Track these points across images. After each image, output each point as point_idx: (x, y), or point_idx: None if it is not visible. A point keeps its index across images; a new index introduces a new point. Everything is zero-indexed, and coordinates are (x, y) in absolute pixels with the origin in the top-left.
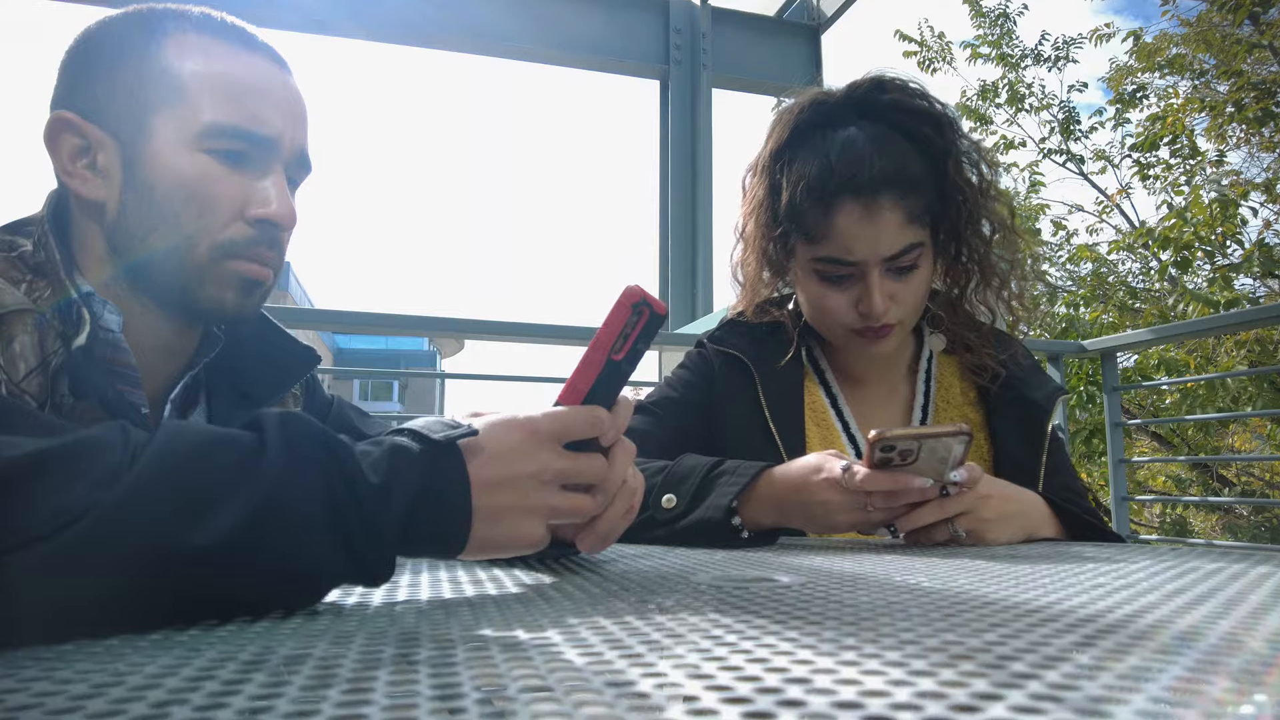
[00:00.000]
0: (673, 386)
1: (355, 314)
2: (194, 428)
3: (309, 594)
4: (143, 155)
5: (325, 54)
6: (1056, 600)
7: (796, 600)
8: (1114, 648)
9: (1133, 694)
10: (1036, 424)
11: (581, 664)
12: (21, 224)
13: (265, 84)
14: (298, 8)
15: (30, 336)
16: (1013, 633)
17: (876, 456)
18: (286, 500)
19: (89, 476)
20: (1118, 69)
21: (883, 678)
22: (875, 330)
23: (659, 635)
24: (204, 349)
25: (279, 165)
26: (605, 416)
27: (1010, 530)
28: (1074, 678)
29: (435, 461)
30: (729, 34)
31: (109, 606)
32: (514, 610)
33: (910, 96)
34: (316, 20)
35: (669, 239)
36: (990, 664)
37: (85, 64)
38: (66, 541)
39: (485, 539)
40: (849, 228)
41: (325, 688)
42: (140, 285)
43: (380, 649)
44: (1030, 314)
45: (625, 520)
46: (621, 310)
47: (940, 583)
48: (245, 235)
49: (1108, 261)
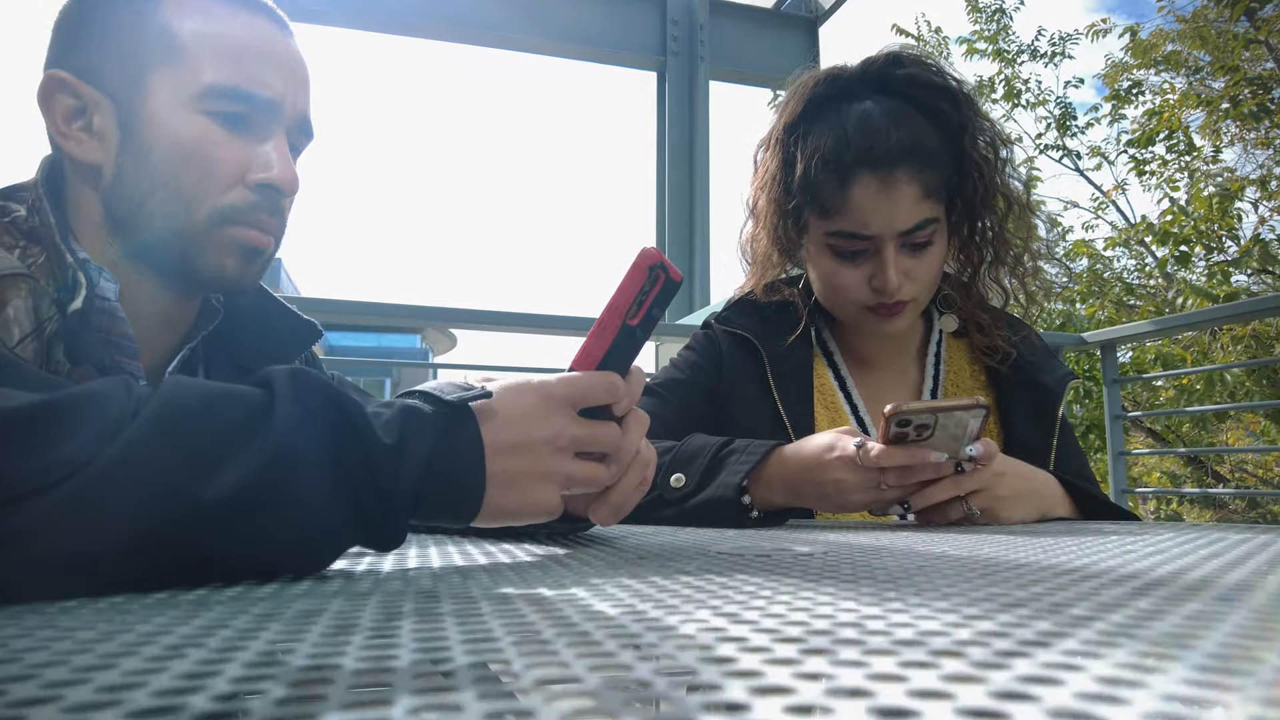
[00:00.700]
0: (679, 368)
1: (349, 303)
2: (200, 382)
3: (318, 556)
4: (140, 117)
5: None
6: (1092, 562)
7: (823, 566)
8: (1169, 596)
9: (1203, 633)
10: (1048, 408)
11: (616, 613)
12: (14, 189)
13: (266, 45)
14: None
15: (25, 302)
16: (1059, 585)
17: (892, 432)
18: (296, 457)
19: (91, 428)
20: (1114, 65)
21: (938, 621)
22: (889, 307)
23: (689, 591)
24: (202, 321)
25: (280, 129)
26: (620, 383)
27: (1025, 509)
28: (1139, 619)
29: (448, 423)
30: (726, 26)
31: (112, 562)
32: (533, 574)
33: (926, 71)
34: (310, 10)
35: (666, 231)
36: (1046, 610)
37: (80, 22)
38: (67, 493)
39: (499, 505)
40: (865, 201)
41: (346, 634)
42: (137, 252)
43: (400, 604)
44: (1046, 292)
45: (639, 492)
46: (638, 273)
47: (966, 551)
48: (246, 200)
49: (1103, 258)
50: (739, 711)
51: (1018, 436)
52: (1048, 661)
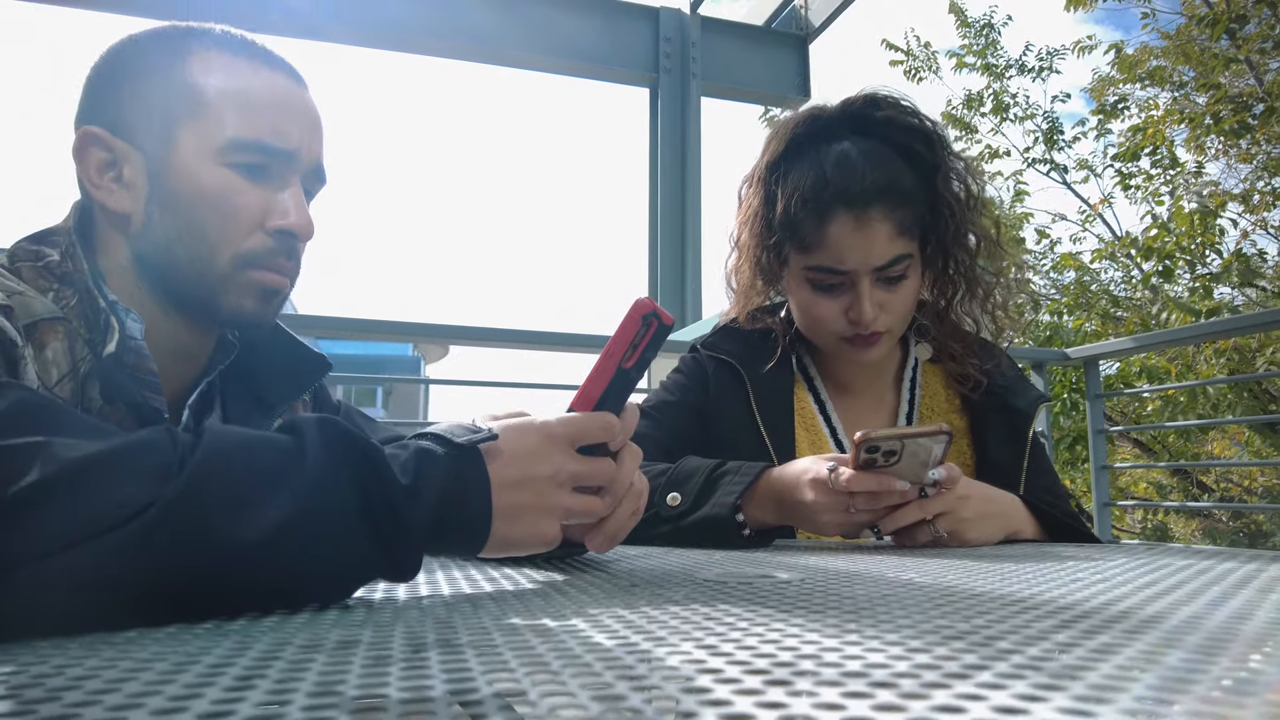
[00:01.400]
0: (669, 390)
1: (342, 320)
2: (237, 430)
3: (343, 587)
4: (167, 168)
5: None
6: (1038, 592)
7: (798, 594)
8: (1088, 629)
9: (1100, 664)
10: (1019, 430)
11: (611, 645)
12: (47, 234)
13: (284, 100)
14: (289, 12)
15: (62, 344)
16: (1000, 618)
17: (861, 457)
18: (325, 498)
19: (145, 474)
20: (1100, 80)
21: (884, 654)
22: (864, 338)
23: (676, 622)
24: (220, 355)
25: (296, 178)
26: (615, 422)
27: (989, 530)
28: (1051, 652)
29: (459, 463)
30: (718, 43)
31: (168, 594)
32: (536, 603)
33: (903, 113)
34: (308, 25)
35: (658, 246)
36: (979, 643)
37: (112, 80)
38: (130, 533)
39: (504, 536)
40: (841, 238)
41: (384, 665)
42: (162, 293)
43: (423, 634)
44: (1015, 323)
45: (632, 521)
46: (632, 321)
47: (931, 578)
48: (265, 245)
49: (1091, 270)
50: None
51: (991, 457)
52: (961, 693)
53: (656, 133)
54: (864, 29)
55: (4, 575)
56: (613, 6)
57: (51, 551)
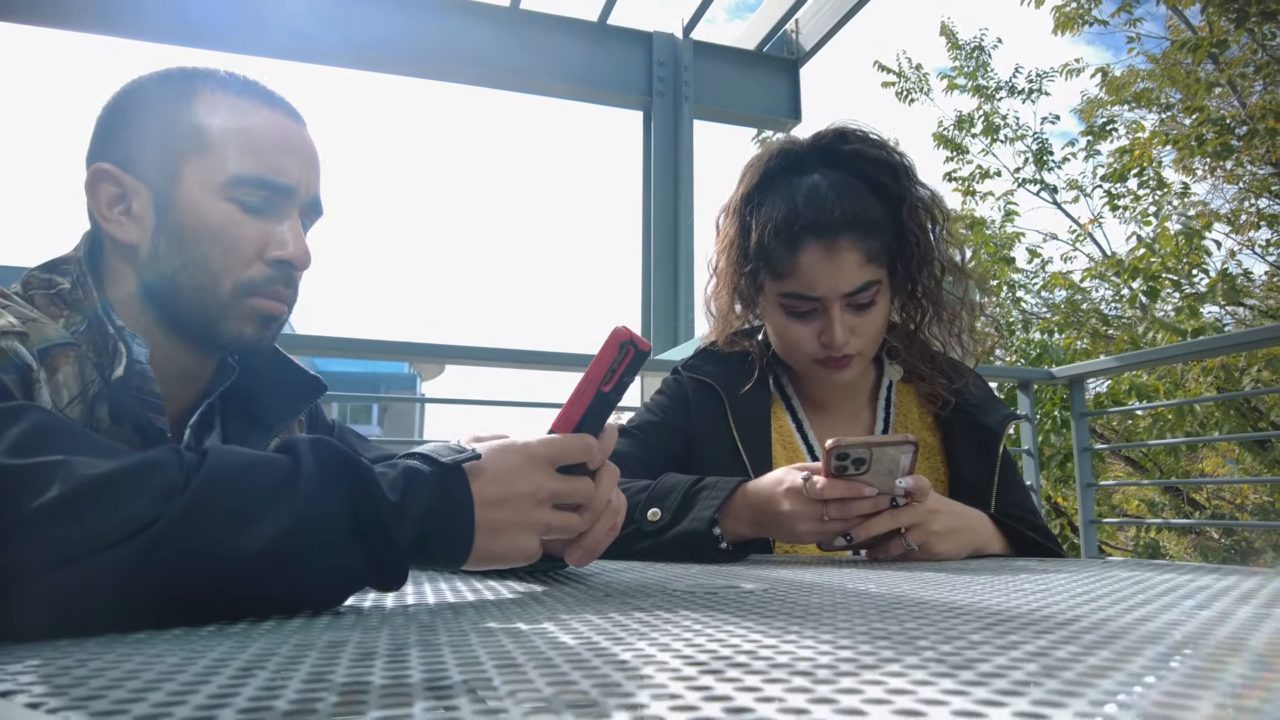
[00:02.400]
0: (652, 411)
1: (340, 340)
2: (238, 450)
3: (334, 596)
4: (174, 202)
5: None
6: (977, 600)
7: (756, 602)
8: (1005, 630)
9: (1006, 653)
10: (989, 446)
11: (574, 644)
12: (58, 263)
13: (284, 138)
14: (289, 35)
15: (72, 368)
16: (928, 622)
17: (833, 465)
18: (318, 513)
19: (154, 490)
20: (1088, 101)
21: (812, 649)
22: (836, 360)
23: (638, 626)
24: (220, 377)
25: (295, 210)
26: (594, 443)
27: (957, 544)
28: (962, 648)
29: (444, 482)
30: (710, 67)
31: (175, 600)
32: (513, 610)
33: (870, 146)
34: (306, 49)
35: (651, 266)
36: (901, 641)
37: (122, 119)
38: (140, 544)
39: (486, 550)
40: (812, 266)
41: (369, 659)
42: (166, 319)
43: (406, 635)
44: (980, 344)
45: (609, 536)
46: (610, 348)
47: (885, 589)
48: (264, 275)
49: (1081, 289)
50: (639, 709)
51: (963, 474)
52: (865, 680)
53: (650, 154)
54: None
55: (29, 581)
56: (607, 31)
57: (71, 559)
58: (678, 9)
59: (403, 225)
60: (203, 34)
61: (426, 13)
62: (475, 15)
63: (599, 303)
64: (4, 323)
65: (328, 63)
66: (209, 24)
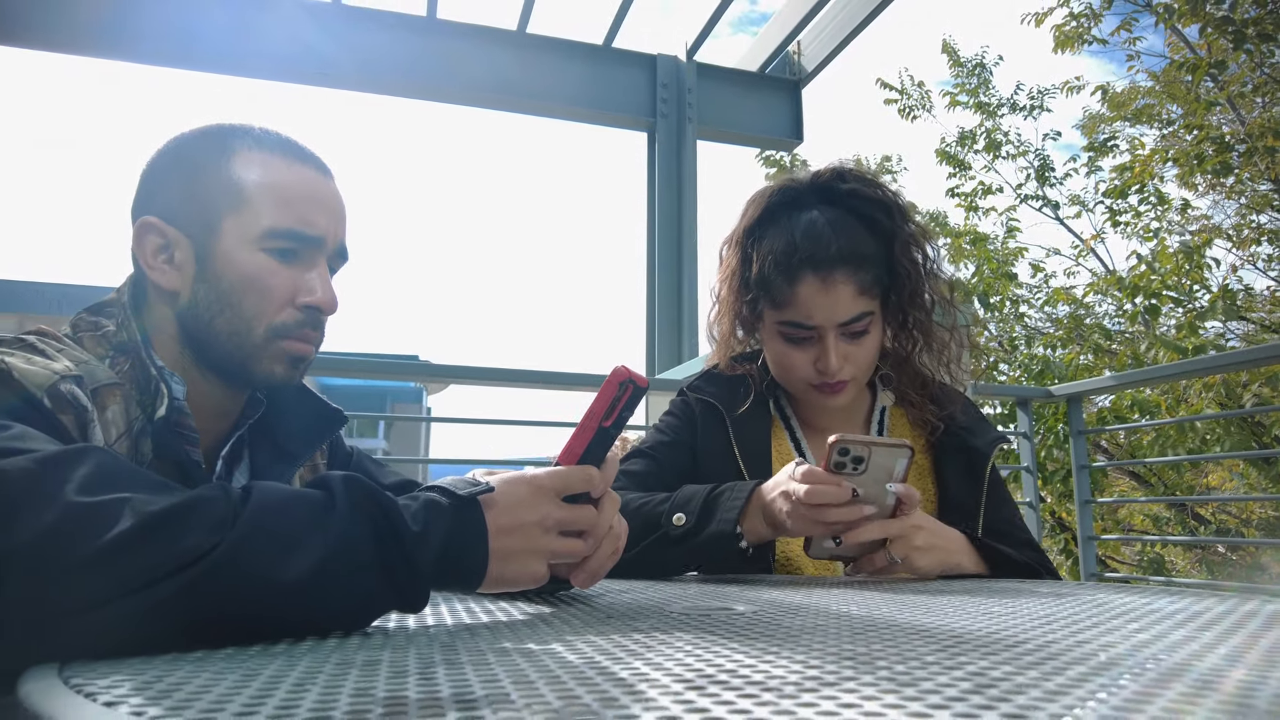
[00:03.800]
0: (663, 431)
1: (345, 359)
2: (278, 487)
3: (363, 617)
4: (213, 253)
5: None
6: (946, 623)
7: (744, 623)
8: (956, 651)
9: (949, 672)
10: (977, 468)
11: (579, 662)
12: (103, 306)
13: (314, 191)
14: (296, 57)
15: (119, 407)
16: (892, 643)
17: (833, 459)
18: (349, 545)
19: (206, 525)
20: (1090, 117)
21: (785, 667)
22: (831, 386)
23: (637, 646)
24: (248, 411)
25: (323, 258)
26: (596, 474)
27: (933, 560)
28: (914, 668)
29: (460, 513)
30: (713, 88)
31: (224, 623)
32: (524, 631)
33: (866, 185)
34: (315, 71)
35: (656, 286)
36: (863, 660)
37: (166, 174)
38: (196, 574)
39: (499, 575)
40: (809, 297)
41: (403, 676)
42: (203, 359)
43: (431, 654)
44: (967, 376)
45: (611, 560)
46: (611, 387)
47: (865, 611)
48: (294, 319)
49: (1084, 304)
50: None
51: (952, 494)
52: (825, 695)
53: (654, 175)
54: (856, 73)
55: (102, 606)
56: (612, 54)
57: (138, 588)
58: (681, 32)
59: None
60: (209, 58)
61: (435, 37)
62: (483, 39)
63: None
64: (61, 367)
65: (337, 85)
66: (211, 47)
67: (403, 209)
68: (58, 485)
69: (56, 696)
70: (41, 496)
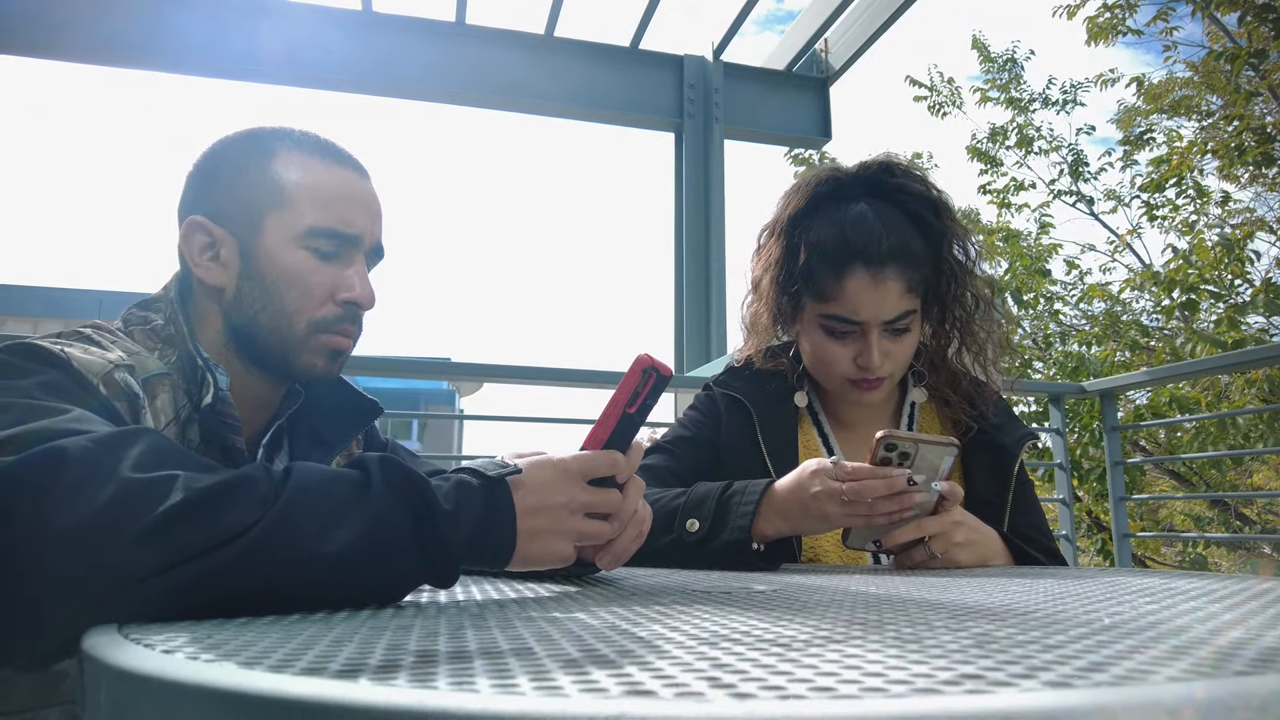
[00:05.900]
0: (685, 426)
1: (384, 359)
2: (317, 467)
3: (397, 592)
4: (256, 251)
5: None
6: (953, 598)
7: (762, 599)
8: (964, 618)
9: (954, 633)
10: (1005, 465)
11: (600, 625)
12: (151, 301)
13: (351, 192)
14: (328, 64)
15: (168, 396)
16: (899, 613)
17: (879, 455)
18: (385, 521)
19: (250, 501)
20: (1126, 110)
21: (794, 631)
22: (869, 382)
23: (654, 616)
24: (288, 402)
25: (361, 256)
26: (621, 459)
27: (973, 555)
28: (921, 631)
29: (490, 493)
30: (740, 88)
31: (266, 593)
32: (549, 603)
33: (914, 181)
34: (346, 78)
35: (684, 285)
36: (866, 627)
37: (212, 175)
38: (240, 547)
39: (526, 554)
40: (858, 292)
41: (435, 635)
42: (247, 352)
43: (461, 620)
44: (1005, 379)
45: (636, 543)
46: (634, 374)
47: (882, 591)
48: (334, 314)
49: (1120, 300)
50: (629, 679)
51: (979, 492)
52: (813, 653)
53: (681, 175)
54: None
55: (156, 575)
56: (639, 56)
57: (187, 559)
58: (708, 31)
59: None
60: (240, 67)
61: (463, 42)
62: (511, 44)
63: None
64: (115, 356)
65: (368, 92)
66: (244, 57)
67: (433, 213)
68: (115, 463)
69: (119, 647)
70: (100, 474)
